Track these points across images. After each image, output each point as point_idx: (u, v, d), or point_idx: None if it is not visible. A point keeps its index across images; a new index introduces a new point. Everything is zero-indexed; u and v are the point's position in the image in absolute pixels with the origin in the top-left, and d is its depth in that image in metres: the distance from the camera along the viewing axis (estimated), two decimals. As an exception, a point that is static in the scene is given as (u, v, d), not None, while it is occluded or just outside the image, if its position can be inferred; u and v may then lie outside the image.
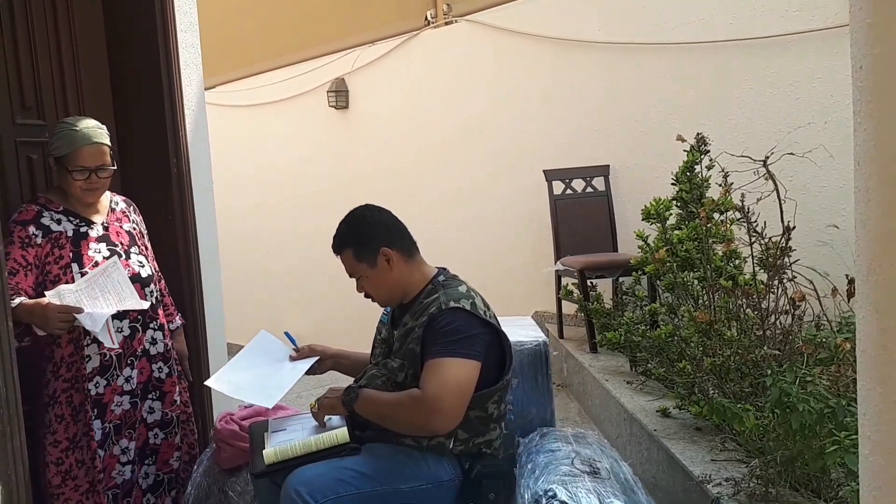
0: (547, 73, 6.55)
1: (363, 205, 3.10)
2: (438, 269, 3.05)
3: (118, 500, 3.36)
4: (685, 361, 3.68)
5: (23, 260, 3.13)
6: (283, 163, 9.00)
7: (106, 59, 4.00)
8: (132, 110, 3.97)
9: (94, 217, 3.36)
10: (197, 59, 4.26)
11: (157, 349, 3.43)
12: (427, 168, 7.57)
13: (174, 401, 3.50)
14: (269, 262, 9.27)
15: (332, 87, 8.15)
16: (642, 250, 4.42)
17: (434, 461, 2.81)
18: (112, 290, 3.15)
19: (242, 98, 9.15)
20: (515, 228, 6.88)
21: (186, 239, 3.96)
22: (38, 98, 3.70)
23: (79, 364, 3.22)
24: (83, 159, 3.21)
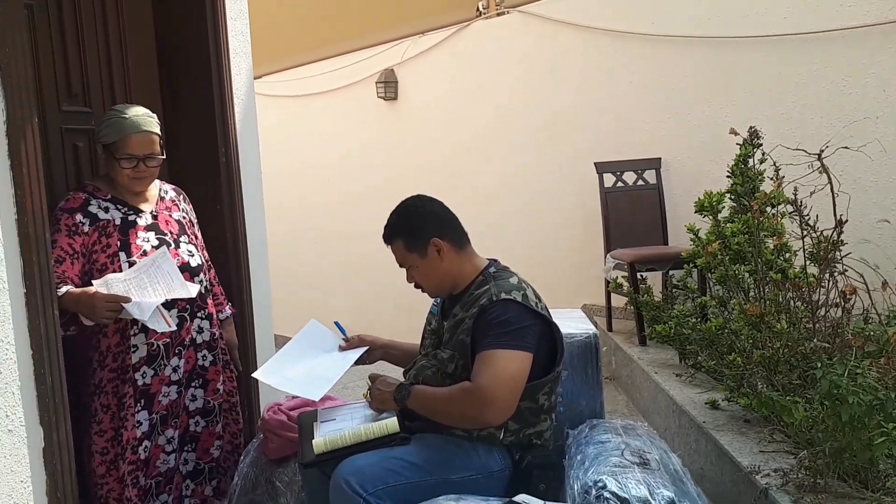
0: (599, 65, 6.52)
1: (415, 195, 3.10)
2: (489, 261, 3.04)
3: (160, 488, 3.38)
4: (735, 354, 3.67)
5: (69, 248, 3.13)
6: (329, 153, 9.05)
7: (154, 46, 4.01)
8: (180, 98, 3.98)
9: (142, 205, 3.37)
10: (246, 47, 4.26)
11: (203, 338, 3.44)
12: (477, 159, 7.56)
13: (217, 389, 3.51)
14: (315, 253, 9.33)
15: (382, 77, 8.16)
16: (694, 243, 4.42)
17: (484, 451, 2.81)
18: (161, 279, 3.14)
19: (289, 88, 9.19)
20: (565, 221, 6.86)
21: (235, 229, 3.97)
22: (84, 85, 3.70)
23: (125, 354, 3.22)
24: (131, 147, 3.22)
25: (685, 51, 5.98)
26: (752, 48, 5.61)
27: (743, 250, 3.99)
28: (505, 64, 7.26)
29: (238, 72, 4.11)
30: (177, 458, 3.43)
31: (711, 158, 5.66)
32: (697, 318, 4.40)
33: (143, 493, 3.33)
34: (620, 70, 6.39)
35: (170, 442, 3.38)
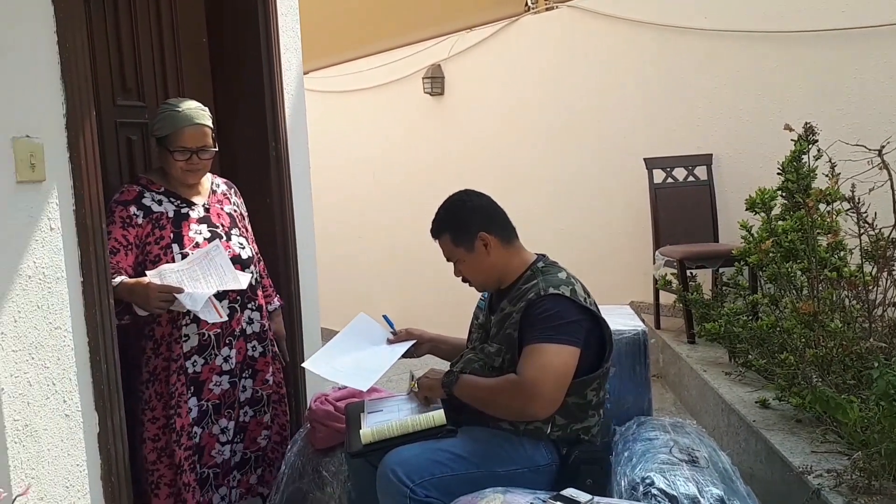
0: (649, 60, 6.51)
1: (462, 190, 3.13)
2: (538, 256, 3.06)
3: (218, 479, 3.44)
4: (787, 353, 3.65)
5: (123, 239, 3.19)
6: (375, 149, 9.09)
7: (206, 41, 4.08)
8: (231, 93, 4.05)
9: (195, 198, 3.43)
10: (296, 42, 4.31)
11: (253, 329, 3.50)
12: (523, 155, 7.57)
13: (266, 380, 3.57)
14: (360, 248, 9.37)
15: (428, 73, 8.18)
16: (745, 240, 4.40)
17: (531, 446, 2.83)
18: (213, 271, 3.20)
19: (335, 84, 9.25)
20: (613, 217, 6.85)
21: (283, 223, 4.03)
22: (138, 80, 3.79)
23: (177, 343, 3.28)
24: (185, 140, 3.28)
25: (738, 46, 5.95)
26: (809, 43, 5.57)
27: (795, 248, 3.98)
28: (553, 59, 7.26)
29: (288, 67, 4.17)
30: (234, 452, 3.50)
31: (763, 155, 5.63)
32: (748, 316, 4.38)
33: (201, 483, 3.39)
34: (671, 65, 6.37)
35: (224, 432, 3.44)
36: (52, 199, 2.61)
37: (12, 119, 2.48)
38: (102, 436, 2.80)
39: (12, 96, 2.49)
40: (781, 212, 4.30)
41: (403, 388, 3.34)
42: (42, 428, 2.56)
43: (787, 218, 4.17)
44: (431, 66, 8.20)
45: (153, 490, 3.30)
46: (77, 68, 2.67)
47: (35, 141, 2.53)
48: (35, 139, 2.54)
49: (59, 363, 2.62)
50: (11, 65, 2.48)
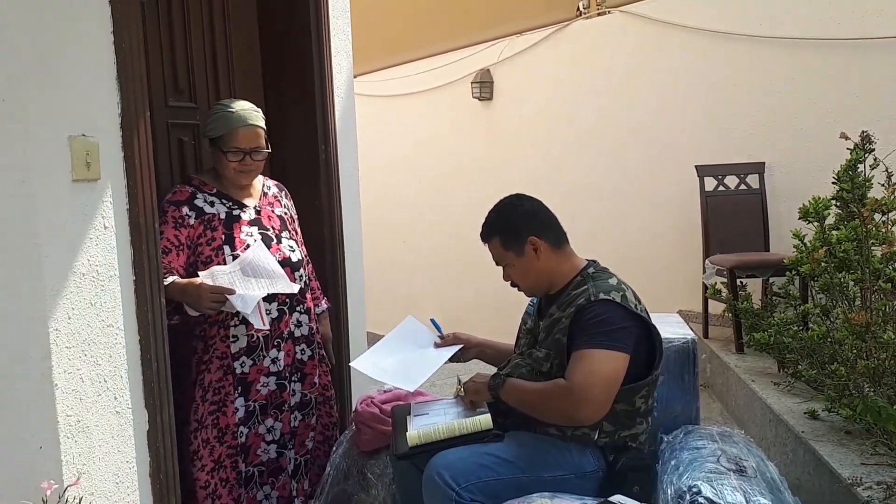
0: (703, 66, 6.47)
1: (514, 194, 3.15)
2: (588, 262, 3.07)
3: (263, 478, 3.47)
4: (838, 364, 3.64)
5: (175, 240, 3.24)
6: (421, 154, 9.11)
7: (258, 44, 4.13)
8: (282, 96, 4.09)
9: (246, 200, 3.46)
10: (347, 46, 4.36)
11: (302, 332, 3.53)
12: (573, 160, 7.55)
13: (314, 383, 3.60)
14: (405, 251, 9.41)
15: (477, 77, 8.19)
16: (798, 250, 4.37)
17: (578, 451, 2.84)
18: (264, 273, 3.24)
19: (383, 88, 9.28)
20: (663, 224, 6.83)
21: (332, 225, 4.08)
22: (190, 81, 3.83)
23: (226, 344, 3.32)
24: (238, 140, 3.31)
25: (792, 53, 5.91)
26: (866, 51, 5.52)
27: (849, 258, 3.94)
28: (604, 64, 7.24)
29: (339, 70, 4.21)
30: (279, 452, 3.52)
31: (817, 164, 5.58)
32: (799, 326, 4.35)
33: (246, 480, 3.43)
34: (724, 72, 6.33)
35: (270, 431, 3.46)
36: (107, 198, 2.66)
37: (69, 118, 2.53)
38: (152, 433, 2.84)
39: (69, 95, 2.53)
40: (835, 221, 4.26)
41: (448, 392, 3.35)
42: (94, 424, 2.60)
43: (842, 228, 4.14)
44: (480, 70, 8.20)
45: (198, 487, 3.34)
46: (132, 68, 2.72)
47: (91, 140, 2.58)
48: (91, 138, 2.58)
49: (110, 360, 2.66)
50: (69, 64, 2.53)
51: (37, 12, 2.44)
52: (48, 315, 2.44)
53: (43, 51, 2.46)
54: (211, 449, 3.34)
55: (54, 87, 2.49)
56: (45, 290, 2.44)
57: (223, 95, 3.89)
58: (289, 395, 3.49)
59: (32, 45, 2.42)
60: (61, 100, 2.51)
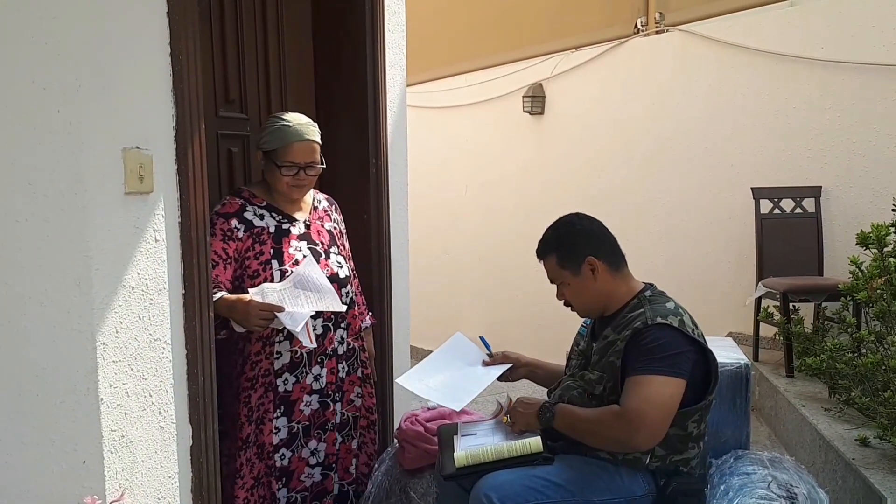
0: (761, 88, 6.38)
1: (573, 213, 3.12)
2: (645, 285, 3.03)
3: (307, 502, 3.41)
4: (891, 391, 3.59)
5: (223, 253, 3.19)
6: (468, 166, 9.06)
7: (311, 56, 4.10)
8: (334, 108, 4.06)
9: (296, 214, 3.41)
10: (401, 60, 4.34)
11: (343, 349, 3.48)
12: (624, 180, 7.49)
13: (351, 400, 3.52)
14: (452, 266, 9.35)
15: (529, 91, 8.12)
16: (854, 276, 4.29)
17: (628, 475, 2.80)
18: (312, 290, 3.19)
19: (432, 99, 9.24)
20: (716, 245, 6.74)
21: (380, 240, 4.04)
22: (241, 92, 3.80)
23: (268, 360, 3.27)
24: (294, 155, 3.25)
25: (854, 77, 5.82)
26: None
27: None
28: (662, 83, 7.17)
29: (392, 84, 4.19)
30: (324, 474, 3.46)
31: (874, 189, 5.52)
32: (852, 352, 4.27)
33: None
34: (783, 94, 6.25)
35: (314, 454, 3.42)
36: (159, 211, 2.65)
37: (123, 130, 2.53)
38: (195, 449, 2.83)
39: (124, 107, 2.53)
40: (893, 249, 4.18)
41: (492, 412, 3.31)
42: (137, 439, 2.60)
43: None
44: (533, 84, 8.14)
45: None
46: (188, 80, 2.72)
47: (145, 152, 2.58)
48: (145, 150, 2.58)
49: (156, 375, 2.66)
50: (125, 76, 2.53)
51: (95, 23, 2.44)
52: (96, 329, 2.44)
53: (99, 62, 2.45)
54: (251, 466, 3.30)
55: (109, 98, 2.48)
56: (94, 304, 2.43)
57: (274, 107, 3.88)
58: (331, 414, 3.44)
59: (89, 57, 2.42)
60: (116, 112, 2.51)
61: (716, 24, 6.74)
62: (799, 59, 6.10)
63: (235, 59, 3.77)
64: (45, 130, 2.35)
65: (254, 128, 3.77)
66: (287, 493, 3.36)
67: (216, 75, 3.69)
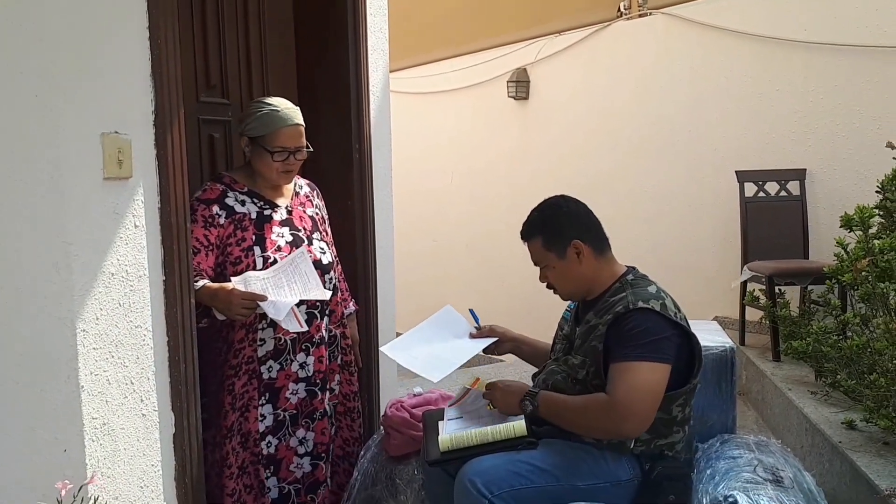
0: (746, 72, 6.41)
1: (559, 195, 3.11)
2: (628, 268, 3.02)
3: (301, 496, 3.39)
4: (877, 374, 3.60)
5: (205, 240, 3.16)
6: (454, 153, 9.08)
7: (293, 40, 4.07)
8: (316, 93, 4.03)
9: (278, 200, 3.38)
10: (384, 44, 4.31)
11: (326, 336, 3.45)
12: (608, 164, 7.51)
13: (332, 388, 3.50)
14: (436, 251, 9.36)
15: (513, 77, 8.14)
16: (839, 258, 4.30)
17: (613, 460, 2.80)
18: (298, 279, 3.18)
19: (416, 85, 9.25)
20: (700, 229, 6.77)
21: (364, 226, 4.02)
22: (223, 77, 3.78)
23: (252, 347, 3.25)
24: (284, 140, 3.22)
25: (838, 60, 5.83)
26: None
27: (892, 268, 3.87)
28: (645, 67, 7.19)
29: (375, 68, 4.17)
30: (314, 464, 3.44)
31: (859, 172, 5.54)
32: (838, 335, 4.28)
33: (282, 500, 3.36)
34: (767, 76, 6.27)
35: (302, 443, 3.39)
36: (138, 197, 2.64)
37: (102, 115, 2.51)
38: (178, 437, 2.83)
39: (103, 92, 2.52)
40: (878, 231, 4.19)
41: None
42: (119, 427, 2.59)
43: (885, 237, 4.07)
44: (517, 69, 8.16)
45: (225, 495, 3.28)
46: (167, 65, 2.70)
47: (123, 137, 2.56)
48: (123, 135, 2.56)
49: (137, 362, 2.65)
50: (103, 61, 2.52)
51: (74, 8, 2.42)
52: (76, 315, 2.42)
53: (78, 47, 2.44)
54: (237, 455, 3.28)
55: (88, 83, 2.47)
56: (74, 290, 2.42)
57: (256, 92, 3.86)
58: (319, 403, 3.41)
59: (67, 42, 2.41)
60: (94, 96, 2.49)
61: (699, 6, 6.75)
62: (783, 41, 6.12)
63: (216, 45, 3.75)
64: (23, 115, 2.33)
65: (235, 113, 3.75)
66: (278, 484, 3.35)
67: (197, 61, 3.67)
